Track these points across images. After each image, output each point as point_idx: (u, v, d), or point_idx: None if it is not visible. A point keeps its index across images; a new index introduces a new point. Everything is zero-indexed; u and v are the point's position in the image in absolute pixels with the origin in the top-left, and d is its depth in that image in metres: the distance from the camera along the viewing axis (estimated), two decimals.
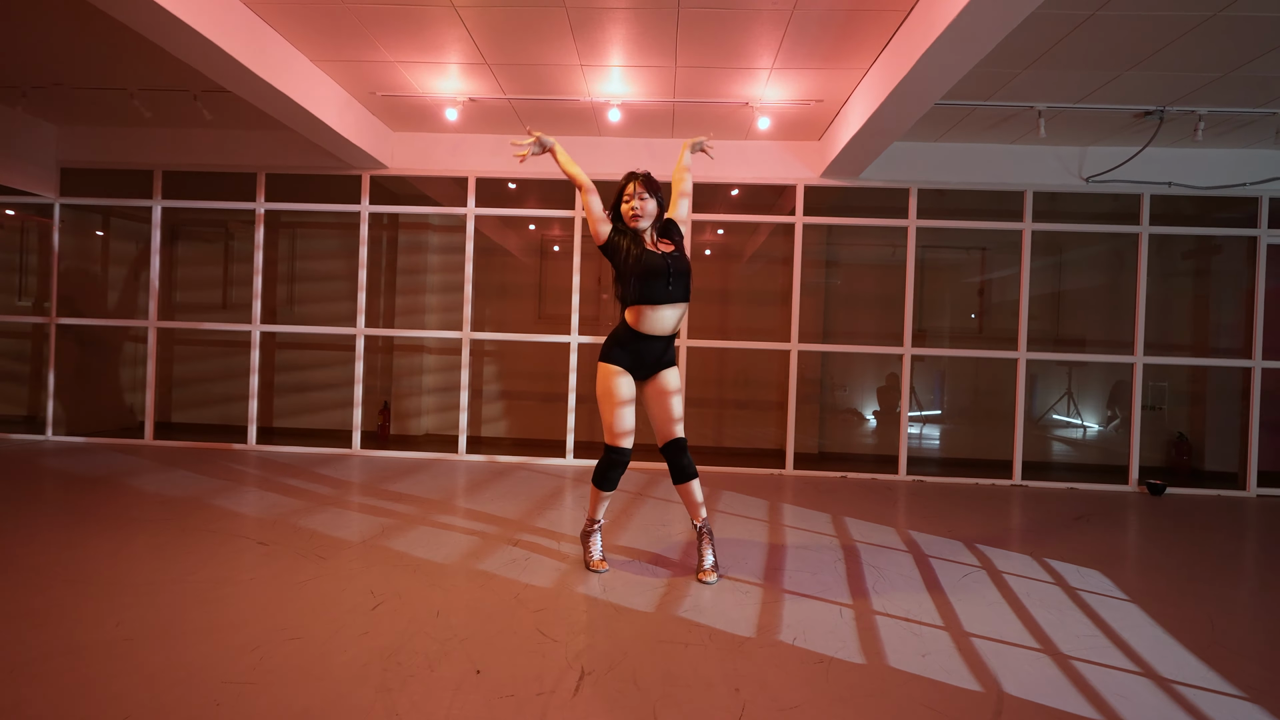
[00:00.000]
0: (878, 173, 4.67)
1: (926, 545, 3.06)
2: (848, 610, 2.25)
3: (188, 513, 3.15)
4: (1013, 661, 1.92)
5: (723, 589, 2.41)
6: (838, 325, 5.82)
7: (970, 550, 3.01)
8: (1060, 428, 6.02)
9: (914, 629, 2.12)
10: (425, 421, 5.80)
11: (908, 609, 2.28)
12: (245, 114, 4.51)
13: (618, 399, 2.45)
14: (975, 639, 2.06)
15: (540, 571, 2.52)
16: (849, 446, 5.92)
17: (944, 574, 2.66)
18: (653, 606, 2.22)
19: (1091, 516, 3.80)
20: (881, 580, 2.56)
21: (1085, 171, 4.57)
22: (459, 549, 2.76)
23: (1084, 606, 2.37)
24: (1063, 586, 2.57)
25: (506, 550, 2.77)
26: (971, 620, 2.20)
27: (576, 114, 4.38)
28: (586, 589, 2.36)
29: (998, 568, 2.77)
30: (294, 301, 5.84)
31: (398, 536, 2.90)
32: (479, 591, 2.30)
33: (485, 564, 2.59)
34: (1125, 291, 5.62)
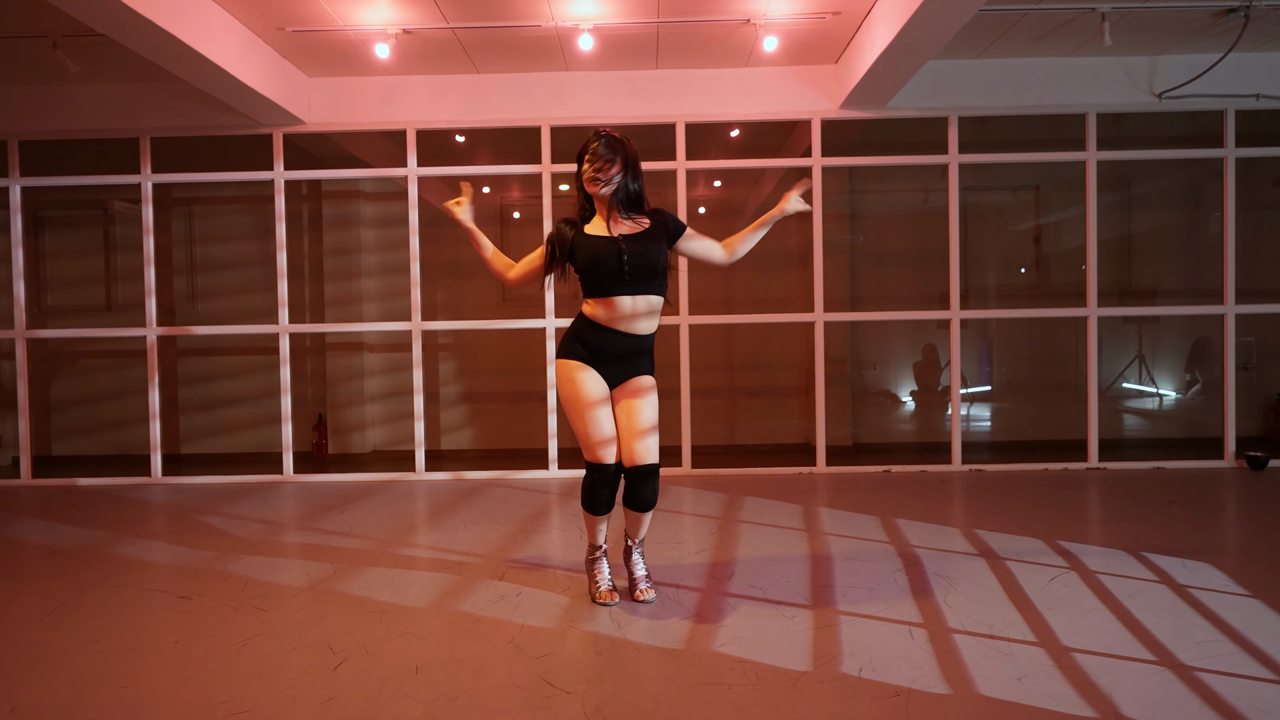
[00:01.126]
0: (909, 100, 4.63)
1: (1000, 546, 3.06)
2: (919, 630, 2.23)
3: (84, 566, 3.03)
4: (1127, 678, 1.90)
5: (764, 615, 2.37)
6: (866, 290, 5.81)
7: (1053, 549, 3.01)
8: (1132, 397, 6.09)
9: (1002, 647, 2.10)
10: (371, 436, 5.69)
11: (991, 624, 2.26)
12: (121, 63, 4.32)
13: (585, 399, 2.38)
14: (1077, 654, 2.05)
15: (537, 608, 2.46)
16: (888, 435, 5.94)
17: (1027, 579, 2.65)
18: (682, 642, 2.17)
19: (1187, 499, 3.84)
20: (954, 591, 2.54)
21: (1157, 87, 4.58)
22: (432, 588, 2.69)
23: (1199, 607, 2.37)
24: (1169, 584, 2.58)
25: (491, 585, 2.70)
26: (1069, 632, 2.19)
27: (538, 44, 4.27)
28: (597, 626, 2.30)
29: (1089, 567, 2.77)
30: (195, 297, 5.68)
31: (354, 577, 2.82)
32: (464, 638, 2.23)
33: (467, 604, 2.52)
34: (1202, 231, 5.68)
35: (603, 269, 2.36)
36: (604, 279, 2.37)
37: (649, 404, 2.43)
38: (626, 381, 2.46)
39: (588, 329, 2.44)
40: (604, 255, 2.36)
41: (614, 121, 4.72)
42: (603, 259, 2.36)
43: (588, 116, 4.69)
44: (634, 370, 2.46)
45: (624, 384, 2.46)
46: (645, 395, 2.43)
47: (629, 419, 2.41)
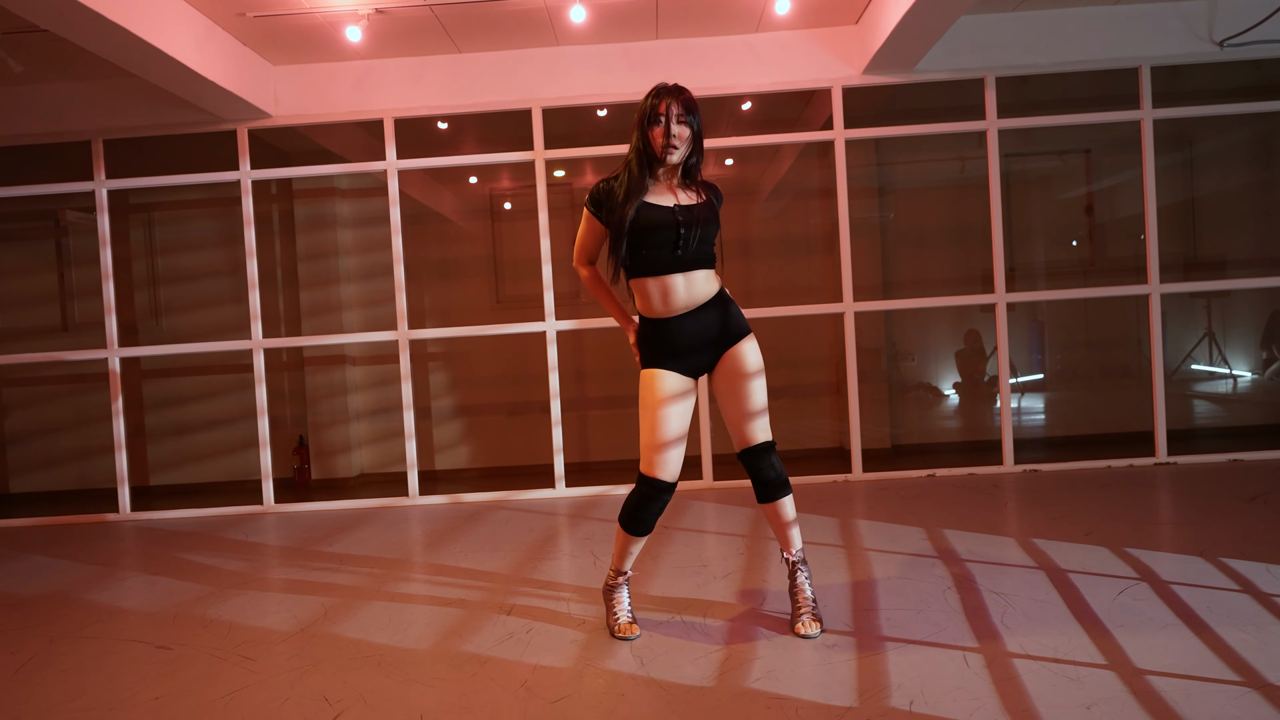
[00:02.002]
0: (939, 61, 4.61)
1: (1061, 556, 3.06)
2: (975, 656, 2.23)
3: (53, 616, 3.07)
4: (1210, 703, 1.90)
5: (801, 646, 2.38)
6: (899, 274, 5.80)
7: (1120, 557, 3.00)
8: (1203, 380, 6.06)
9: (1069, 672, 2.10)
10: (358, 458, 5.74)
11: (1055, 647, 2.26)
12: (69, 61, 4.38)
13: (654, 400, 2.42)
14: (1152, 677, 2.05)
15: (550, 645, 2.48)
16: (930, 435, 5.93)
17: (1093, 594, 2.65)
18: (712, 679, 2.19)
19: (1270, 495, 3.82)
20: (1011, 611, 2.54)
21: (1218, 33, 4.55)
22: (434, 626, 2.71)
23: None
24: (1253, 594, 2.57)
25: (499, 621, 2.72)
26: (1142, 653, 2.19)
27: (525, 18, 4.29)
28: (617, 664, 2.32)
29: (1161, 577, 2.77)
30: (159, 313, 5.73)
31: (347, 618, 2.85)
32: (472, 682, 2.25)
33: (473, 643, 2.54)
34: (1275, 191, 5.64)
35: (657, 241, 2.37)
36: (657, 254, 2.37)
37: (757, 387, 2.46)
38: (725, 357, 2.48)
39: (652, 332, 2.47)
40: (662, 225, 2.37)
41: (613, 100, 4.73)
42: (656, 224, 2.37)
43: (583, 96, 4.70)
44: (725, 339, 2.47)
45: (723, 359, 2.48)
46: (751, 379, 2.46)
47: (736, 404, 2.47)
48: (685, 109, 2.39)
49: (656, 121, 2.38)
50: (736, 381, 2.46)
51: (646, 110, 2.40)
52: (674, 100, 2.38)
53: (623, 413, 5.72)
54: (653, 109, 2.39)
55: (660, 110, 2.37)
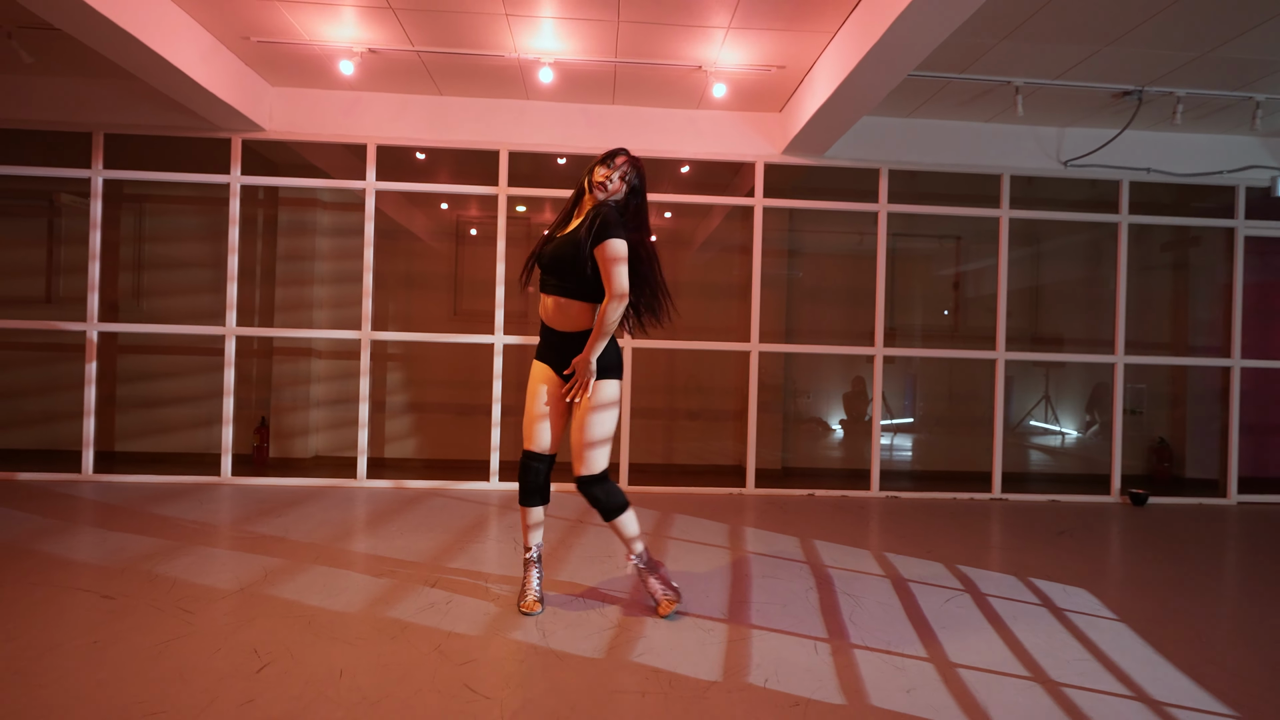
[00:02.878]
0: (845, 150, 4.85)
1: (905, 568, 3.20)
2: (823, 645, 2.32)
3: (3, 563, 2.89)
4: (1003, 692, 2.03)
5: (683, 628, 2.43)
6: (801, 323, 6.00)
7: (952, 572, 3.16)
8: (1038, 434, 6.43)
9: (897, 662, 2.21)
10: (314, 441, 5.57)
11: (889, 641, 2.37)
12: (78, 57, 4.20)
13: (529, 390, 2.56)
14: (962, 670, 2.17)
15: (465, 616, 2.47)
16: (815, 460, 6.11)
17: (925, 600, 2.78)
18: (602, 652, 2.22)
19: (1075, 531, 4.08)
20: (859, 610, 2.65)
21: (1064, 155, 4.91)
22: (364, 594, 2.66)
23: (1072, 628, 2.53)
24: (1049, 608, 2.75)
25: (423, 593, 2.69)
26: (957, 650, 2.31)
27: (500, 73, 4.33)
28: (523, 635, 2.33)
29: (982, 590, 2.93)
30: (141, 295, 5.48)
31: (285, 581, 2.77)
32: (391, 644, 2.23)
33: (397, 610, 2.50)
34: (1102, 286, 6.08)
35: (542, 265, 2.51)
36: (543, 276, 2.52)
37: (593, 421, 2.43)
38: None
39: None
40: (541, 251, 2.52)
41: (570, 151, 4.80)
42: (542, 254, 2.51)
43: (545, 144, 4.76)
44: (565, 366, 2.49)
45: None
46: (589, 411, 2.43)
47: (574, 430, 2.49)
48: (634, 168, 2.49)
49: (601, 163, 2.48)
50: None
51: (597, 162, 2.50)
52: (625, 157, 2.49)
53: None
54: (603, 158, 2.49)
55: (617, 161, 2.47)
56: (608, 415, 2.45)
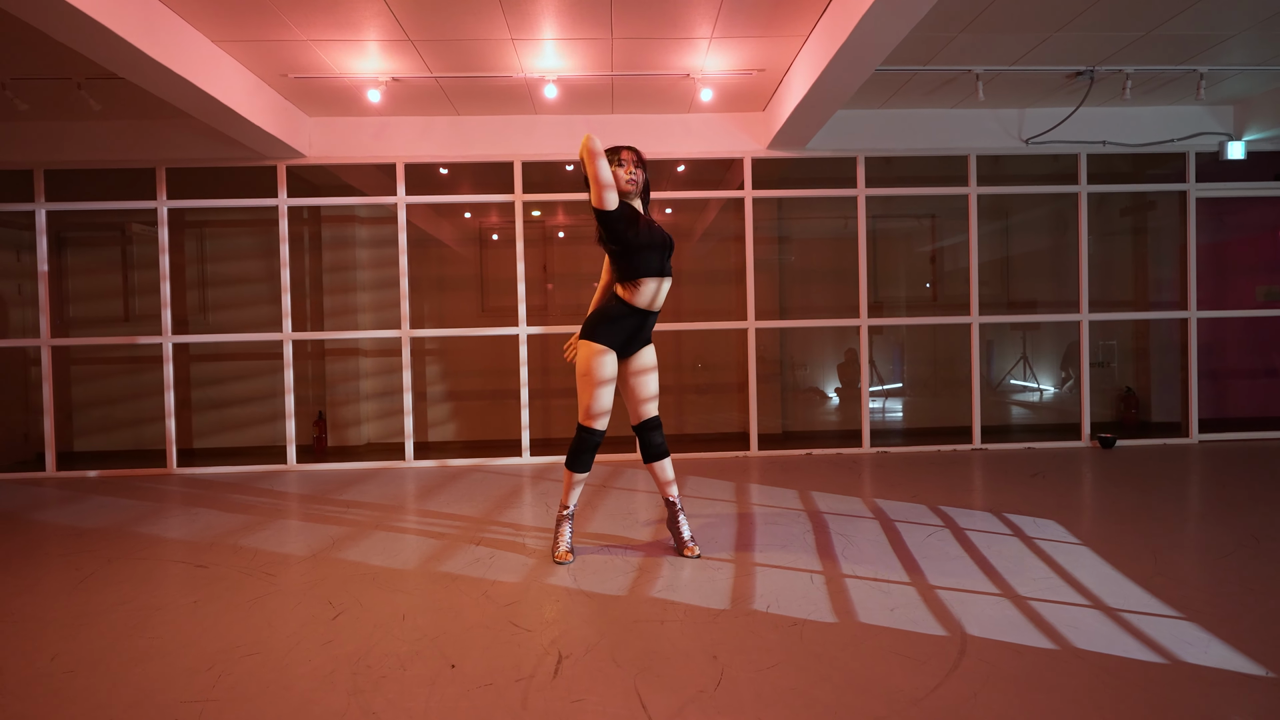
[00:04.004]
0: (824, 142, 4.88)
1: (892, 511, 3.29)
2: (818, 576, 2.43)
3: (109, 542, 3.07)
4: (975, 607, 2.12)
5: (695, 567, 2.54)
6: (794, 301, 6.05)
7: (934, 512, 3.25)
8: (1018, 392, 6.46)
9: (882, 588, 2.30)
10: (366, 430, 5.74)
11: (875, 570, 2.47)
12: (139, 102, 4.34)
13: (600, 378, 2.55)
14: (940, 590, 2.26)
15: (507, 568, 2.60)
16: (812, 425, 6.19)
17: (909, 536, 2.88)
18: (626, 590, 2.34)
19: (1047, 472, 4.14)
20: (850, 547, 2.75)
21: (1025, 134, 4.91)
22: (418, 553, 2.80)
23: (1040, 553, 2.62)
24: (1020, 537, 2.83)
25: (469, 550, 2.83)
26: (936, 575, 2.41)
27: (510, 92, 4.41)
28: (557, 580, 2.45)
29: (960, 525, 3.01)
30: (206, 309, 5.66)
31: (350, 547, 2.91)
32: (444, 593, 2.36)
33: (448, 565, 2.64)
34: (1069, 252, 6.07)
35: (654, 252, 2.51)
36: (652, 261, 2.51)
37: (655, 379, 2.67)
38: (637, 354, 2.64)
39: (629, 314, 2.54)
40: (659, 240, 2.54)
41: (577, 159, 4.87)
42: (658, 243, 2.53)
43: (554, 153, 4.84)
44: (645, 341, 2.64)
45: (635, 355, 2.64)
46: (654, 372, 2.66)
47: (645, 390, 2.64)
48: (639, 156, 2.59)
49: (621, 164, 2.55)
50: (645, 372, 2.66)
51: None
52: (630, 150, 2.57)
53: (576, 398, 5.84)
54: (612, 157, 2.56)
55: (624, 156, 2.55)
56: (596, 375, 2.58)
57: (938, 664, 1.77)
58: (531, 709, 1.62)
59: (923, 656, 1.81)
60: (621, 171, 2.54)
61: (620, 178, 2.53)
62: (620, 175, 2.54)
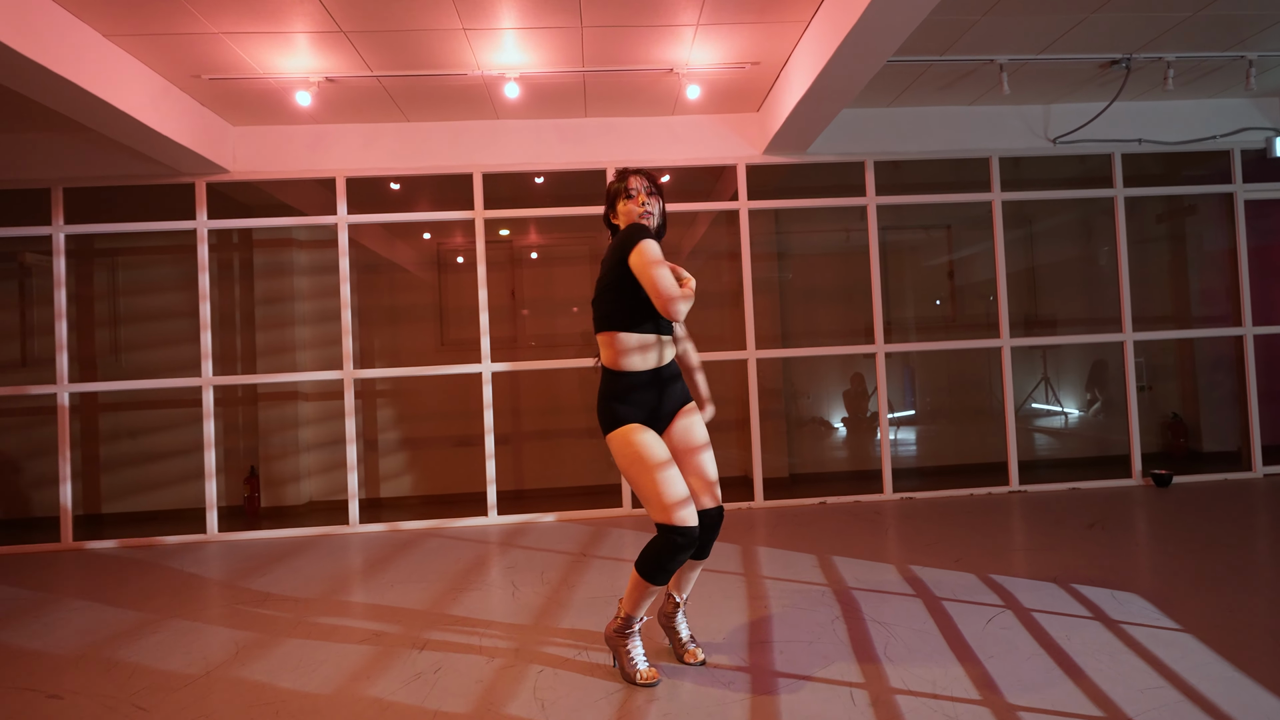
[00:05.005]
0: (827, 146, 4.53)
1: (935, 584, 2.84)
2: (860, 692, 1.97)
3: None
4: None
5: (701, 680, 2.07)
6: (796, 325, 5.67)
7: (986, 585, 2.81)
8: (1041, 417, 6.08)
9: (948, 709, 1.85)
10: (306, 487, 5.21)
11: (934, 680, 2.01)
12: (28, 112, 3.89)
13: (652, 460, 1.97)
14: (1024, 713, 1.81)
15: (457, 685, 2.11)
16: (822, 465, 5.76)
17: (965, 622, 2.43)
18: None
19: (1105, 521, 3.72)
20: (893, 641, 2.30)
21: (1051, 132, 4.60)
22: (343, 667, 2.30)
23: (1135, 646, 2.18)
24: (1103, 621, 2.39)
25: (410, 659, 2.34)
26: (1012, 685, 1.96)
27: (466, 93, 4.02)
28: (519, 708, 1.97)
29: (1023, 604, 2.57)
30: (119, 349, 5.14)
31: (258, 659, 2.41)
32: None
33: (379, 686, 2.15)
34: (1095, 263, 5.76)
35: None
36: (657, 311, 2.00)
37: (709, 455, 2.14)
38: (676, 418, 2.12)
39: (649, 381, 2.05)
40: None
41: (545, 168, 4.48)
42: None
43: (520, 163, 4.44)
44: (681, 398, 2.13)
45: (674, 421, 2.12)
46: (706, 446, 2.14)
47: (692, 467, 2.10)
48: (653, 184, 2.18)
49: (632, 195, 2.14)
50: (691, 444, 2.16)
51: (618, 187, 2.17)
52: (640, 177, 2.17)
53: (555, 445, 5.37)
54: (623, 185, 2.16)
55: (633, 186, 2.15)
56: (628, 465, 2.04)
57: None
58: None
59: None
60: (633, 205, 2.13)
61: (633, 212, 2.13)
62: (633, 210, 2.13)
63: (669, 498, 1.95)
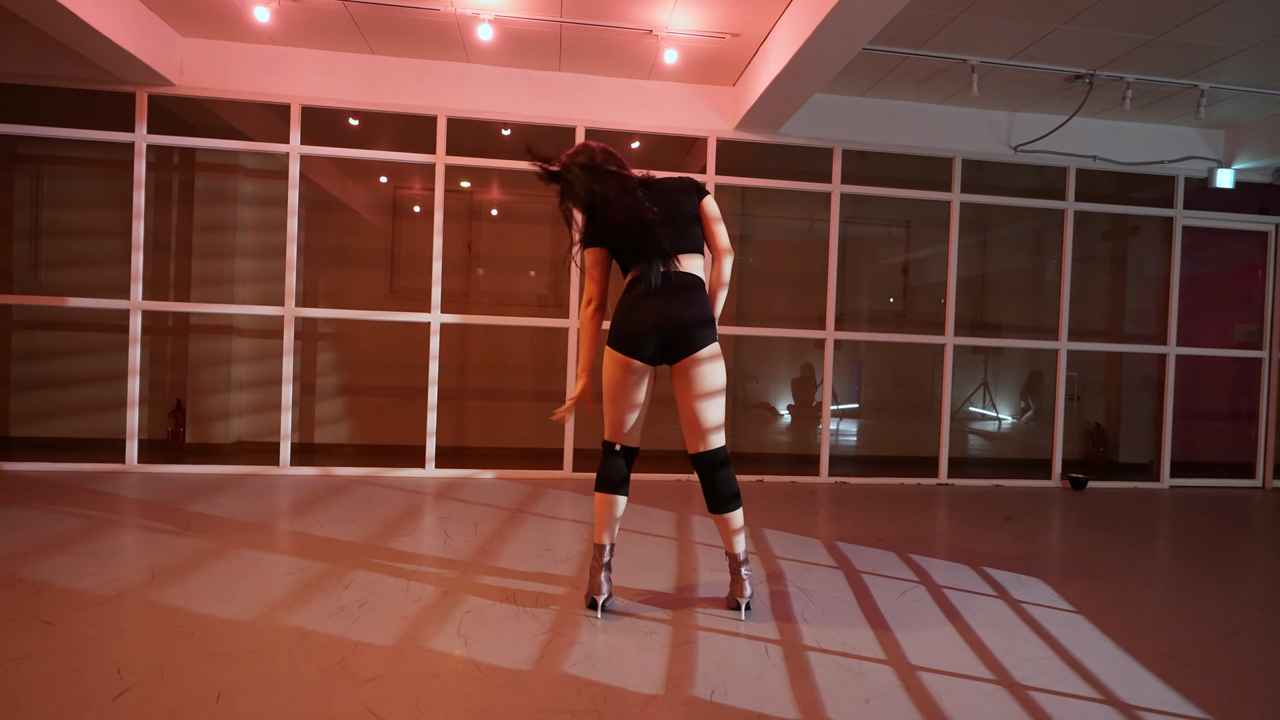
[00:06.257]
0: (799, 129, 4.61)
1: (858, 559, 3.00)
2: (775, 648, 2.08)
3: None
4: (968, 699, 1.82)
5: (623, 630, 2.16)
6: (752, 307, 5.78)
7: (905, 562, 2.98)
8: (977, 420, 6.40)
9: (854, 667, 1.98)
10: (236, 425, 5.09)
11: (844, 641, 2.15)
12: None
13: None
14: (923, 673, 1.96)
15: (380, 622, 2.14)
16: (764, 445, 5.92)
17: (880, 593, 2.58)
18: (530, 662, 1.93)
19: (1022, 516, 3.97)
20: (811, 606, 2.43)
21: (1014, 140, 4.79)
22: (265, 595, 2.31)
23: (1031, 622, 2.36)
24: (1006, 600, 2.58)
25: (335, 593, 2.35)
26: (917, 650, 2.11)
27: (437, 30, 3.93)
28: (441, 643, 2.02)
29: (936, 581, 2.75)
30: (38, 265, 4.89)
31: (174, 583, 2.38)
32: (286, 658, 1.89)
33: (300, 616, 2.16)
34: (1042, 275, 6.04)
35: None
36: None
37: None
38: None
39: None
40: None
41: (514, 119, 4.43)
42: None
43: (487, 111, 4.38)
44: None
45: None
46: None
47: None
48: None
49: None
50: None
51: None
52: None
53: (501, 405, 5.38)
54: None
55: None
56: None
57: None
58: None
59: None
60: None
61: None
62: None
63: None
